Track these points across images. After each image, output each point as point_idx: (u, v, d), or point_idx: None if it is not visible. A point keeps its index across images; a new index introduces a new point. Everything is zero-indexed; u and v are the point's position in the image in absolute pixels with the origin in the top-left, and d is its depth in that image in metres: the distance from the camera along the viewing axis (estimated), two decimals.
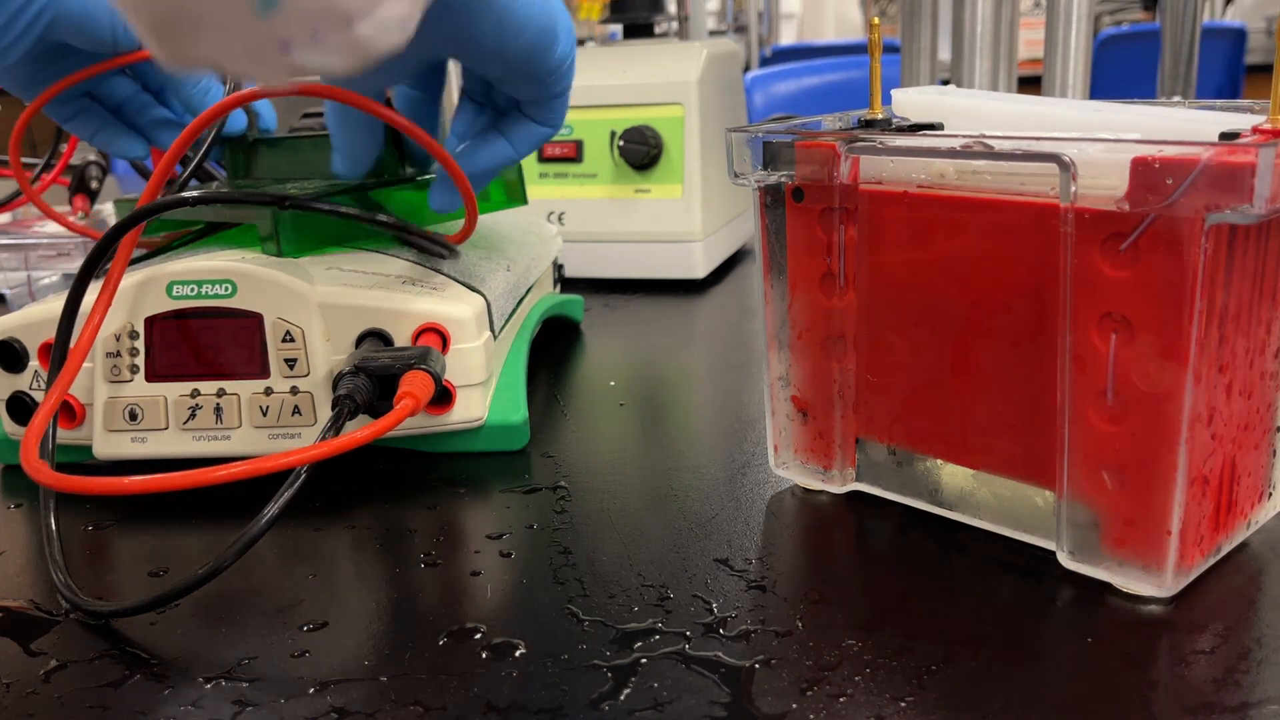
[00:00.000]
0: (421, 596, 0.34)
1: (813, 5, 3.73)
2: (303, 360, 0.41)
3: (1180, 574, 0.31)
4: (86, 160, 0.78)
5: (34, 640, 0.33)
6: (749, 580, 0.34)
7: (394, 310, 0.42)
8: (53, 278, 0.71)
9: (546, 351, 0.59)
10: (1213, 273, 0.29)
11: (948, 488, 0.37)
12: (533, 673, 0.30)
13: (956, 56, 0.80)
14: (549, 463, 0.44)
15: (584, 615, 0.33)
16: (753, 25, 2.98)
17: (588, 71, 0.73)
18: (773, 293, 0.39)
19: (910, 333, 0.36)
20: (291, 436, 0.42)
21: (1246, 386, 0.31)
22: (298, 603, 0.34)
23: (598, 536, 0.38)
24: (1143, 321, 0.30)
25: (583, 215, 0.72)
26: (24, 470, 0.35)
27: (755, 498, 0.40)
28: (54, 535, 0.37)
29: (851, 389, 0.38)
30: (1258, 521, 0.34)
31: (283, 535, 0.39)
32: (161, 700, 0.30)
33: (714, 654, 0.30)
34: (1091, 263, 0.30)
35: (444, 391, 0.42)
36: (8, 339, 0.43)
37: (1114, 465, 0.31)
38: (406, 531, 0.39)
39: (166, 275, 0.42)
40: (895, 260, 0.36)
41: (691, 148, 0.70)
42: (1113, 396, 0.31)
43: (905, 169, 0.35)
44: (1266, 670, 0.28)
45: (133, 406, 0.42)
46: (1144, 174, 0.28)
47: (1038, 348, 0.33)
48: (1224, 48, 2.31)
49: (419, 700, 0.29)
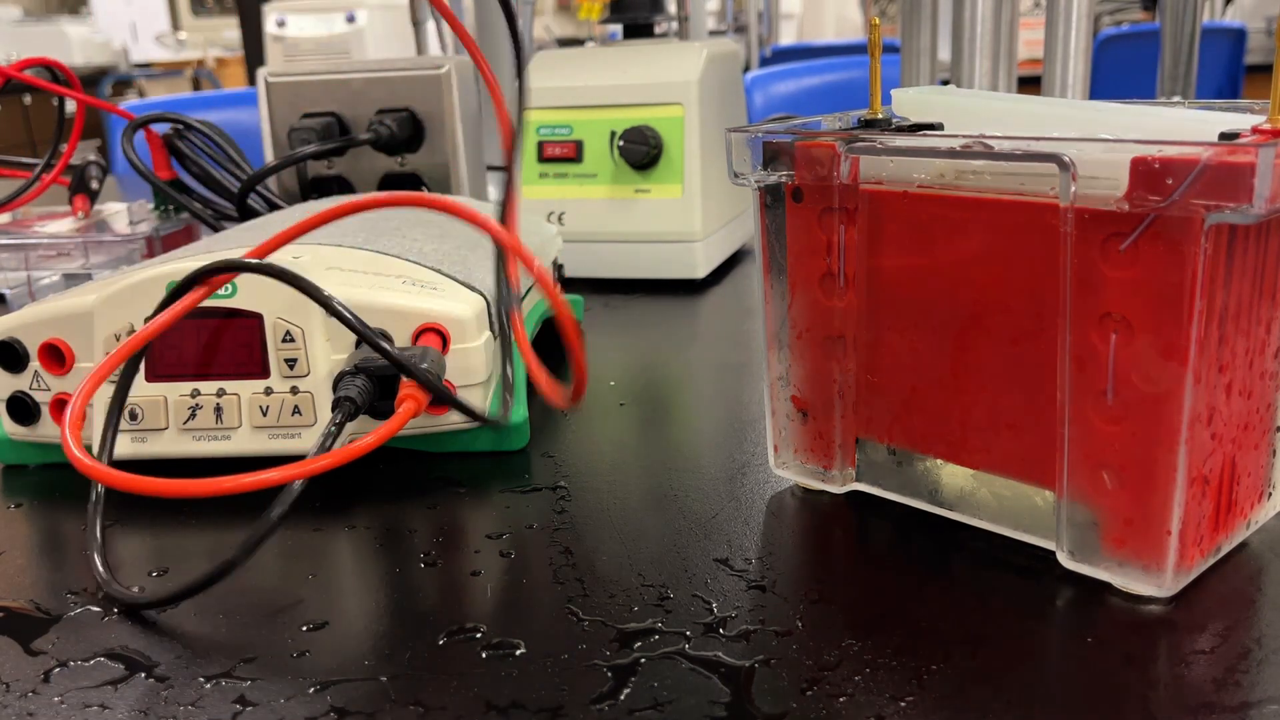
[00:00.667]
0: (421, 596, 0.34)
1: (813, 5, 3.73)
2: (303, 360, 0.41)
3: (1180, 574, 0.31)
4: (86, 160, 0.78)
5: (34, 640, 0.33)
6: (749, 580, 0.34)
7: (394, 310, 0.42)
8: (53, 278, 0.71)
9: (546, 351, 0.59)
10: (1212, 273, 0.29)
11: (948, 488, 0.37)
12: (533, 672, 0.30)
13: (956, 56, 0.80)
14: (549, 463, 0.44)
15: (584, 615, 0.33)
16: (753, 25, 2.98)
17: (588, 71, 0.73)
18: (773, 293, 0.39)
19: (910, 333, 0.36)
20: (291, 436, 0.42)
21: (1246, 386, 0.31)
22: (298, 603, 0.34)
23: (598, 536, 0.38)
24: (1143, 321, 0.30)
25: (583, 215, 0.72)
26: (79, 468, 0.34)
27: (755, 498, 0.40)
28: (97, 531, 0.37)
29: (851, 389, 0.38)
30: (1258, 521, 0.34)
31: (283, 535, 0.39)
32: (161, 700, 0.30)
33: (714, 654, 0.30)
34: (1091, 263, 0.30)
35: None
36: (8, 339, 0.43)
37: (1114, 465, 0.31)
38: (406, 531, 0.39)
39: (166, 275, 0.42)
40: (895, 260, 0.36)
41: (691, 148, 0.70)
42: (1113, 396, 0.31)
43: (905, 169, 0.35)
44: (1266, 670, 0.28)
45: (133, 406, 0.42)
46: (1144, 174, 0.28)
47: (1038, 348, 0.33)
48: (1224, 48, 2.31)
49: (419, 700, 0.29)
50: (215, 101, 1.69)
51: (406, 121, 0.73)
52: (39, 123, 4.08)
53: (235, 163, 0.73)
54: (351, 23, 2.19)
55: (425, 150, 0.74)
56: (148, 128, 0.73)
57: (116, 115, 0.79)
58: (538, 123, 0.72)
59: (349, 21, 2.19)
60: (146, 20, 4.91)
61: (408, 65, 0.73)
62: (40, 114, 4.06)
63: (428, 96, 0.73)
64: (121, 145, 0.72)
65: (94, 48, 4.46)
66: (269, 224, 0.53)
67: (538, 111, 0.73)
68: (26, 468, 0.46)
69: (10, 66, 0.74)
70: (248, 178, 0.68)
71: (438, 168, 0.74)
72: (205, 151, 0.73)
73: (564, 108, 0.72)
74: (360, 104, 0.73)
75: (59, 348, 0.43)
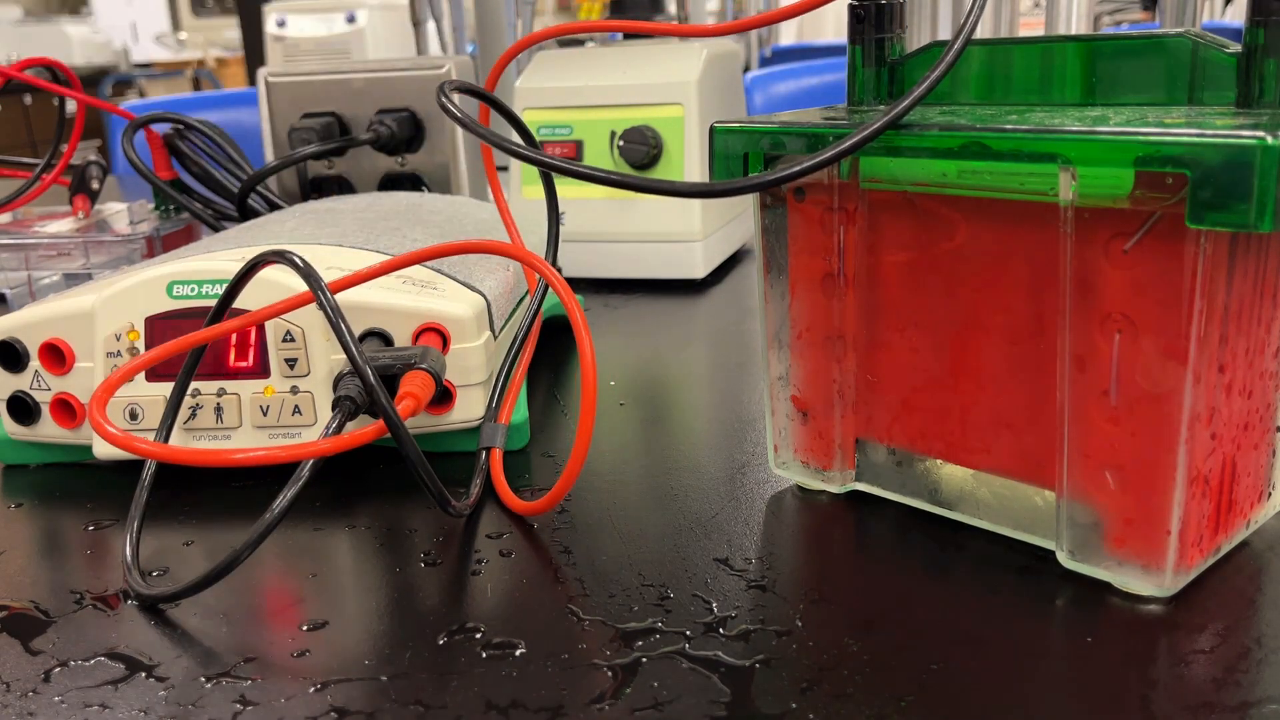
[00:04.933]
0: (421, 596, 0.34)
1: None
2: (303, 360, 0.41)
3: (1180, 573, 0.31)
4: (87, 160, 0.78)
5: (34, 640, 0.33)
6: (749, 580, 0.34)
7: (394, 310, 0.42)
8: (53, 278, 0.71)
9: (547, 351, 0.59)
10: (1213, 272, 0.29)
11: (948, 488, 0.37)
12: (533, 672, 0.30)
13: None
14: (549, 463, 0.44)
15: (584, 615, 0.33)
16: None
17: (588, 71, 0.73)
18: (772, 293, 0.39)
19: (910, 333, 0.36)
20: (292, 436, 0.42)
21: (1246, 386, 0.31)
22: (298, 603, 0.34)
23: (598, 536, 0.38)
24: (1144, 321, 0.30)
25: (583, 215, 0.72)
26: (116, 444, 0.34)
27: (755, 497, 0.40)
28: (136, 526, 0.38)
29: (851, 389, 0.38)
30: (1258, 521, 0.34)
31: (283, 535, 0.39)
32: (161, 700, 0.30)
33: (714, 653, 0.30)
34: (1094, 262, 0.30)
35: (444, 391, 0.42)
36: (8, 339, 0.43)
37: (1115, 465, 0.31)
38: (406, 531, 0.39)
39: (166, 275, 0.42)
40: (895, 260, 0.36)
41: (691, 148, 0.70)
42: (1116, 396, 0.31)
43: (905, 168, 0.35)
44: (1266, 670, 0.28)
45: (133, 406, 0.42)
46: (1146, 174, 0.28)
47: (1038, 347, 0.33)
48: None
49: (419, 700, 0.29)
50: (215, 101, 1.69)
51: (406, 121, 0.73)
52: (39, 123, 4.08)
53: (235, 163, 0.73)
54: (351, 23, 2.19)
55: (425, 150, 0.74)
56: (148, 128, 0.73)
57: (117, 115, 0.80)
58: (538, 123, 0.72)
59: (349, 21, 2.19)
60: (147, 20, 4.91)
61: (408, 65, 0.73)
62: (41, 114, 4.06)
63: (428, 96, 0.73)
64: (122, 145, 0.72)
65: (94, 48, 4.46)
66: (269, 224, 0.53)
67: (538, 111, 0.73)
68: (26, 468, 0.46)
69: (11, 66, 0.74)
70: (248, 178, 0.68)
71: (438, 168, 0.74)
72: (205, 151, 0.73)
73: (564, 108, 0.72)
74: (360, 104, 0.73)
75: (59, 348, 0.43)
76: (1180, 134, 0.27)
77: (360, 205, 0.57)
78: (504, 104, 0.49)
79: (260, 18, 2.37)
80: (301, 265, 0.37)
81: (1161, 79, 0.33)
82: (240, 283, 0.40)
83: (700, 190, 0.34)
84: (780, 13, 0.38)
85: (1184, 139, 0.27)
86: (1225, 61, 0.32)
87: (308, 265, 0.37)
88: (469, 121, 0.41)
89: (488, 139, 0.40)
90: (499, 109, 0.49)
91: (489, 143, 0.40)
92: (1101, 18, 3.05)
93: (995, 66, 0.37)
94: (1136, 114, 0.31)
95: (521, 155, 0.38)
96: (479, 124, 0.41)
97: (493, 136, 0.40)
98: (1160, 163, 0.27)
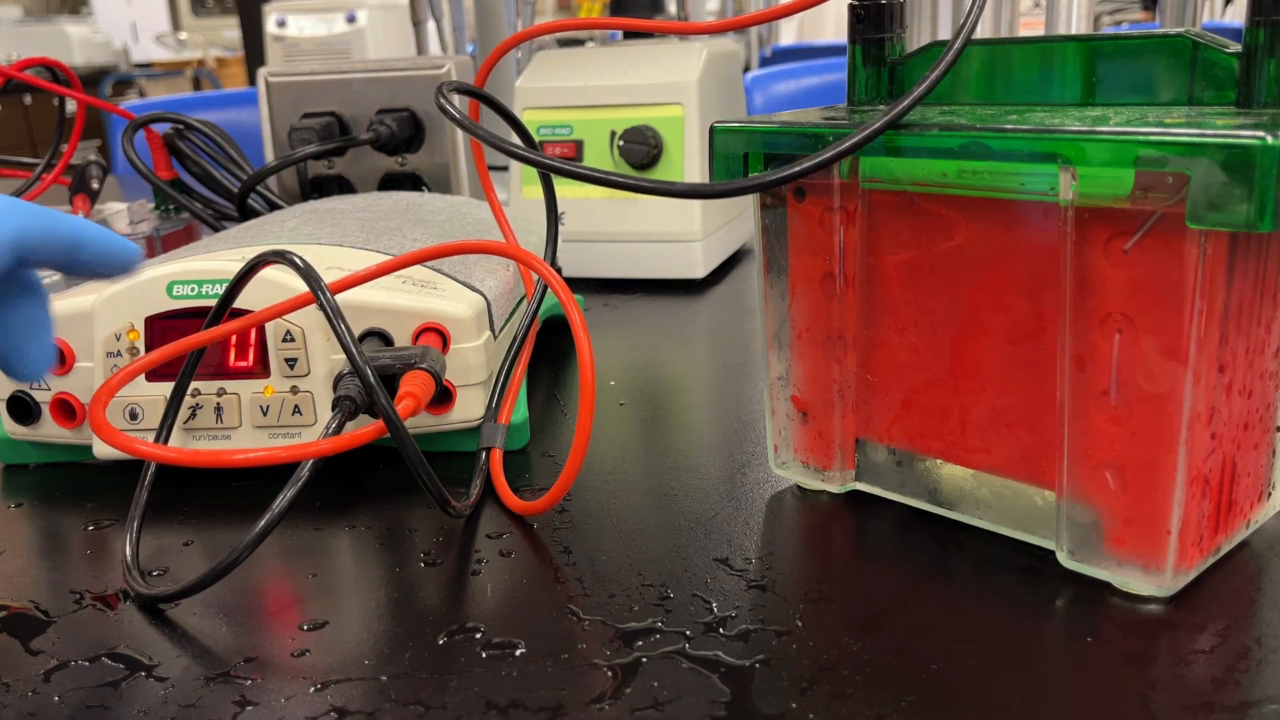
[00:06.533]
0: (421, 596, 0.34)
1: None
2: (303, 360, 0.41)
3: (1180, 573, 0.31)
4: (87, 160, 0.78)
5: (34, 640, 0.33)
6: (749, 580, 0.34)
7: (394, 310, 0.42)
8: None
9: (546, 351, 0.59)
10: (1213, 272, 0.29)
11: (947, 487, 0.37)
12: (533, 672, 0.30)
13: None
14: (549, 463, 0.44)
15: (584, 615, 0.33)
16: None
17: (587, 71, 0.73)
18: (772, 293, 0.39)
19: (910, 333, 0.36)
20: (292, 436, 0.42)
21: (1246, 386, 0.31)
22: (298, 603, 0.34)
23: (598, 536, 0.38)
24: (1144, 321, 0.30)
25: (582, 215, 0.72)
26: (117, 447, 0.34)
27: (755, 497, 0.40)
28: (136, 526, 0.38)
29: (851, 389, 0.38)
30: (1257, 521, 0.34)
31: (283, 535, 0.39)
32: (161, 700, 0.30)
33: (714, 653, 0.30)
34: (1094, 262, 0.30)
35: (444, 391, 0.42)
36: None
37: (1115, 465, 0.31)
38: (406, 531, 0.39)
39: (166, 275, 0.42)
40: (895, 260, 0.36)
41: (691, 148, 0.70)
42: (1116, 396, 0.31)
43: (905, 168, 0.35)
44: (1266, 670, 0.28)
45: (133, 406, 0.42)
46: (1146, 173, 0.28)
47: (1038, 347, 0.33)
48: None
49: (419, 699, 0.29)
50: (215, 101, 1.69)
51: (406, 121, 0.73)
52: (39, 123, 4.08)
53: (235, 162, 0.73)
54: (351, 23, 2.19)
55: (425, 150, 0.74)
56: (148, 127, 0.73)
57: (117, 115, 0.79)
58: (538, 122, 0.72)
59: (349, 21, 2.19)
60: (147, 20, 4.91)
61: (408, 65, 0.73)
62: (41, 114, 4.05)
63: (428, 96, 0.73)
64: (122, 145, 0.72)
65: (94, 48, 4.46)
66: (269, 224, 0.53)
67: (538, 111, 0.73)
68: (26, 468, 0.46)
69: (11, 66, 0.74)
70: (248, 177, 0.68)
71: (438, 167, 0.74)
72: (205, 151, 0.73)
73: (564, 108, 0.72)
74: (360, 104, 0.73)
75: (59, 348, 0.43)
76: (1180, 134, 0.27)
77: (360, 205, 0.57)
78: (502, 104, 0.49)
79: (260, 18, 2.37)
80: (301, 265, 0.37)
81: (1161, 79, 0.33)
82: (240, 283, 0.40)
83: (700, 190, 0.34)
84: (780, 9, 0.38)
85: (1184, 139, 0.27)
86: (1225, 61, 0.32)
87: (308, 265, 0.37)
88: (467, 122, 0.41)
89: (487, 140, 0.40)
90: (498, 109, 0.49)
91: (487, 144, 0.40)
92: (1101, 18, 3.05)
93: (995, 66, 0.37)
94: (1136, 114, 0.31)
95: (520, 156, 0.38)
96: (477, 125, 0.41)
97: (491, 137, 0.40)
98: (1160, 163, 0.27)
